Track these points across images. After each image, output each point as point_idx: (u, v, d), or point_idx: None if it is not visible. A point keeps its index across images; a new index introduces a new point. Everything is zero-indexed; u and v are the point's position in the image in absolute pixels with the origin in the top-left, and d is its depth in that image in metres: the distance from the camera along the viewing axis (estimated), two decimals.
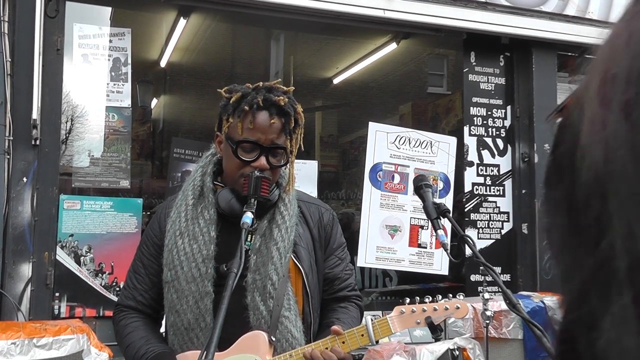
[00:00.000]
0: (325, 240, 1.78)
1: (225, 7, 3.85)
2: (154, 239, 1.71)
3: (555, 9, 4.49)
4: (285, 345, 1.58)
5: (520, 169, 4.46)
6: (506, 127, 4.53)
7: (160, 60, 6.01)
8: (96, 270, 3.49)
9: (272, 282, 1.58)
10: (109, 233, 3.52)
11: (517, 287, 4.32)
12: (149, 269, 1.70)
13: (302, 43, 6.65)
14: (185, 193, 1.68)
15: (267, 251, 1.61)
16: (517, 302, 1.47)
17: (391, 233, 4.06)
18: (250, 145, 1.59)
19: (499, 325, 3.66)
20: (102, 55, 3.65)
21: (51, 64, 3.35)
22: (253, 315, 1.57)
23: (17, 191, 3.21)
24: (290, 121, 1.61)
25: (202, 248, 1.60)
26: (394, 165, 4.10)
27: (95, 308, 3.47)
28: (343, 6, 3.89)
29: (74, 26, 3.57)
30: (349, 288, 1.82)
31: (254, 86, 1.65)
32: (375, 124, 4.14)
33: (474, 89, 4.48)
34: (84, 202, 3.48)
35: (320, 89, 7.34)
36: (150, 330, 1.70)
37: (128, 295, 1.72)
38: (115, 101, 3.67)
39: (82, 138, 3.69)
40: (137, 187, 5.37)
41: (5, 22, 3.21)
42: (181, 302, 1.59)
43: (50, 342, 2.65)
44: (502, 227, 4.44)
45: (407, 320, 1.56)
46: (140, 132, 6.04)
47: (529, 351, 3.70)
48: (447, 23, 4.19)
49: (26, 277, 3.20)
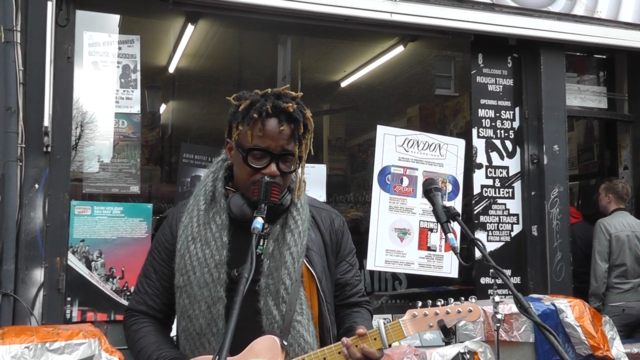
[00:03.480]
0: (337, 246, 1.79)
1: (233, 13, 3.87)
2: (166, 244, 1.72)
3: (563, 9, 4.48)
4: (298, 349, 1.58)
5: (530, 170, 4.44)
6: (515, 128, 4.51)
7: (168, 66, 6.05)
8: (107, 275, 3.52)
9: (285, 286, 1.58)
10: (120, 238, 3.55)
11: (528, 290, 4.30)
12: (160, 273, 1.71)
13: (309, 47, 6.67)
14: (197, 198, 1.69)
15: (280, 256, 1.61)
16: (529, 306, 1.46)
17: (400, 236, 4.06)
18: (260, 153, 1.60)
19: (509, 329, 3.64)
20: (111, 62, 3.69)
21: (62, 72, 3.39)
22: (266, 319, 1.58)
23: (29, 198, 3.25)
24: (299, 127, 1.61)
25: (214, 253, 1.60)
26: (403, 168, 4.10)
27: (107, 312, 3.50)
28: (350, 10, 3.90)
29: (84, 34, 3.62)
30: (359, 294, 1.83)
31: (263, 93, 1.65)
32: (383, 127, 4.15)
33: (482, 91, 4.47)
34: (94, 208, 3.52)
35: (327, 92, 7.35)
36: (162, 335, 1.70)
37: (139, 300, 1.73)
38: (124, 107, 3.71)
39: (92, 144, 3.73)
40: (146, 193, 5.39)
41: (17, 31, 3.26)
42: (193, 307, 1.59)
43: (62, 346, 2.68)
44: (512, 230, 4.42)
45: (420, 323, 1.56)
46: (150, 138, 6.07)
47: (540, 354, 3.67)
48: (454, 25, 4.19)
49: (39, 282, 3.24)
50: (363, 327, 1.57)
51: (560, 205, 4.38)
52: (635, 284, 4.47)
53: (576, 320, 3.74)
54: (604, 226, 4.52)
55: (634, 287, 4.47)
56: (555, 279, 4.31)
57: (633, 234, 4.50)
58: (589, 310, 3.85)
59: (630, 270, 4.47)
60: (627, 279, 4.47)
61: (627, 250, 4.47)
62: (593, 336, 3.72)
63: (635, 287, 4.48)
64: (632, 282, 4.47)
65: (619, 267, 4.47)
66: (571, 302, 3.83)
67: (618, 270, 4.48)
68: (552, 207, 4.37)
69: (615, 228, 4.51)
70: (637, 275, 4.49)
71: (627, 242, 4.47)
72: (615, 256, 4.47)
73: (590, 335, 3.71)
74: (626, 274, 4.47)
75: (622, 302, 4.42)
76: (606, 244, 4.47)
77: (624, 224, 4.52)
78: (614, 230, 4.49)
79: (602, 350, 3.71)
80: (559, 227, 4.36)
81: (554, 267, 4.32)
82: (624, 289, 4.45)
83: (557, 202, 4.38)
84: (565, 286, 4.33)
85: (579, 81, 4.94)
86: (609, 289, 4.49)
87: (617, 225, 4.52)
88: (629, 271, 4.47)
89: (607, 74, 5.13)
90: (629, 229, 4.51)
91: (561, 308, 3.77)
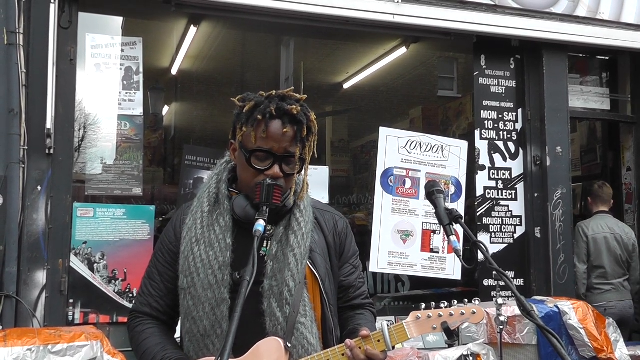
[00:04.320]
0: (340, 248, 1.78)
1: (235, 15, 3.87)
2: (169, 246, 1.72)
3: (566, 11, 4.47)
4: (301, 351, 1.58)
5: (533, 172, 4.43)
6: (517, 130, 4.51)
7: (171, 68, 6.06)
8: (109, 277, 3.52)
9: (288, 288, 1.58)
10: (122, 240, 3.55)
11: (531, 292, 4.29)
12: (164, 275, 1.71)
13: (312, 49, 6.67)
14: (201, 200, 1.69)
15: (284, 257, 1.61)
16: (532, 309, 1.46)
17: (403, 238, 4.06)
18: (263, 155, 1.60)
19: (512, 331, 3.63)
20: (114, 64, 3.69)
21: (65, 74, 3.40)
22: (269, 321, 1.58)
23: (31, 200, 3.25)
24: (303, 129, 1.61)
25: (218, 255, 1.60)
26: (406, 169, 4.10)
27: (109, 314, 3.50)
28: (352, 12, 3.90)
29: (87, 36, 3.62)
30: (363, 296, 1.83)
31: (267, 95, 1.65)
32: (386, 129, 4.14)
33: (485, 92, 4.46)
34: (97, 210, 3.52)
35: (330, 94, 7.35)
36: (166, 337, 1.70)
37: (143, 302, 1.73)
38: (127, 109, 3.72)
39: (94, 146, 3.73)
40: (149, 194, 5.40)
41: (20, 34, 3.27)
42: (197, 309, 1.59)
43: (65, 348, 2.68)
44: (515, 232, 4.41)
45: (424, 325, 1.56)
46: (152, 140, 6.08)
47: (543, 357, 3.66)
48: (457, 26, 4.19)
49: (41, 284, 3.24)
50: (366, 329, 1.57)
51: (564, 207, 4.37)
52: (615, 284, 4.53)
53: (579, 322, 3.73)
54: (582, 229, 4.61)
55: (615, 288, 4.53)
56: (558, 281, 4.29)
57: (612, 236, 4.56)
58: (593, 312, 3.84)
59: (609, 271, 4.53)
60: (608, 279, 4.53)
61: (606, 251, 4.53)
62: (596, 338, 3.71)
63: (617, 287, 4.53)
64: (613, 283, 4.53)
65: (598, 268, 4.53)
66: (574, 305, 3.82)
67: (597, 271, 4.53)
68: (555, 209, 4.36)
69: (593, 230, 4.57)
70: (617, 275, 4.55)
71: (605, 243, 4.53)
72: (594, 258, 4.54)
73: (593, 338, 3.70)
74: (606, 275, 4.53)
75: (604, 302, 4.46)
76: (584, 246, 4.54)
77: (602, 226, 4.58)
78: (591, 233, 4.56)
79: (605, 352, 3.70)
80: (562, 229, 4.35)
81: (557, 269, 4.31)
82: (604, 289, 4.51)
83: (560, 204, 4.37)
84: (568, 288, 4.32)
85: (581, 82, 4.93)
86: (590, 290, 4.54)
87: (595, 227, 4.59)
88: (609, 272, 4.53)
89: (609, 75, 5.12)
90: (607, 230, 4.57)
91: (564, 310, 3.76)
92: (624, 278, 4.56)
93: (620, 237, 4.56)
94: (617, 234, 4.57)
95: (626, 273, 4.59)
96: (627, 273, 4.60)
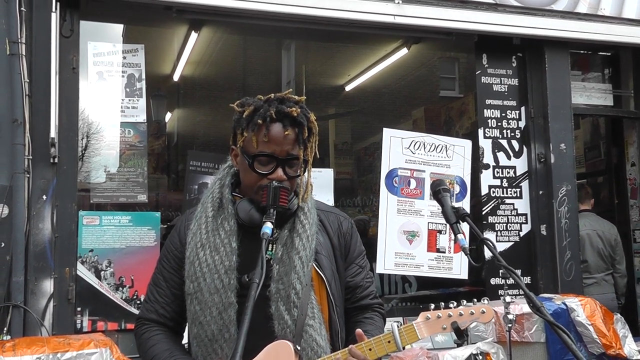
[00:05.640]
0: (345, 249, 1.78)
1: (236, 19, 3.88)
2: (175, 251, 1.72)
3: (567, 7, 4.46)
4: (311, 354, 1.58)
5: (537, 169, 4.43)
6: (521, 128, 4.50)
7: (173, 74, 6.07)
8: (116, 284, 3.52)
9: (295, 291, 1.58)
10: (128, 247, 3.55)
11: (538, 290, 4.27)
12: (170, 281, 1.71)
13: (313, 52, 6.68)
14: (205, 205, 1.69)
15: (290, 260, 1.61)
16: (541, 305, 1.46)
17: (409, 238, 4.05)
18: (266, 159, 1.60)
19: (521, 329, 3.62)
20: (116, 71, 3.70)
21: (67, 82, 3.41)
22: (278, 324, 1.57)
23: (37, 209, 3.26)
24: (304, 131, 1.61)
25: (224, 259, 1.60)
26: (410, 170, 4.10)
27: (117, 321, 3.51)
28: (353, 14, 3.91)
29: (89, 44, 3.64)
30: (370, 296, 1.82)
31: (266, 98, 1.65)
32: (389, 130, 4.14)
33: (487, 91, 4.46)
34: (102, 218, 3.53)
35: (332, 96, 7.36)
36: (173, 342, 1.70)
37: (150, 309, 1.73)
38: (130, 117, 3.72)
39: (98, 154, 3.75)
40: (154, 201, 5.42)
41: (22, 44, 3.28)
42: (205, 313, 1.59)
43: (74, 356, 2.69)
44: (521, 229, 4.40)
45: (433, 325, 1.55)
46: (156, 146, 6.10)
47: (552, 354, 3.65)
48: (458, 26, 4.19)
49: (48, 293, 3.25)
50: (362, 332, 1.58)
51: (569, 204, 4.36)
52: (598, 278, 4.77)
53: (588, 319, 3.71)
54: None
55: (597, 282, 4.76)
56: (565, 277, 4.28)
57: (594, 232, 4.80)
58: (600, 308, 3.82)
59: (592, 265, 4.76)
60: (591, 274, 4.75)
61: (589, 247, 4.76)
62: (605, 335, 3.69)
63: (599, 281, 4.77)
64: (596, 277, 4.77)
65: (581, 262, 4.59)
66: (582, 301, 3.80)
67: (581, 265, 4.58)
68: (561, 206, 4.35)
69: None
70: (600, 270, 4.80)
71: (588, 239, 4.76)
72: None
73: (602, 334, 3.69)
74: (589, 269, 4.73)
75: (587, 295, 4.46)
76: None
77: (585, 224, 4.75)
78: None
79: (614, 348, 3.69)
80: (568, 226, 4.34)
81: (564, 266, 4.29)
82: (587, 283, 4.69)
83: (565, 201, 4.36)
84: (575, 285, 4.30)
85: (584, 79, 4.93)
86: None
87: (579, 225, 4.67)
88: (592, 266, 4.76)
89: (612, 71, 5.11)
90: (589, 227, 4.79)
91: (572, 307, 3.74)
92: (606, 272, 4.81)
93: (602, 233, 4.82)
94: (599, 230, 4.82)
95: (609, 268, 4.83)
96: (610, 268, 4.83)
